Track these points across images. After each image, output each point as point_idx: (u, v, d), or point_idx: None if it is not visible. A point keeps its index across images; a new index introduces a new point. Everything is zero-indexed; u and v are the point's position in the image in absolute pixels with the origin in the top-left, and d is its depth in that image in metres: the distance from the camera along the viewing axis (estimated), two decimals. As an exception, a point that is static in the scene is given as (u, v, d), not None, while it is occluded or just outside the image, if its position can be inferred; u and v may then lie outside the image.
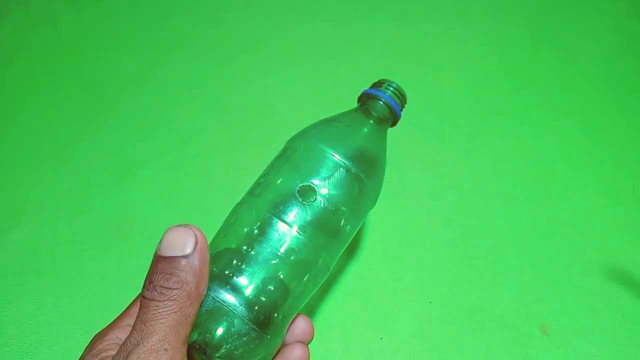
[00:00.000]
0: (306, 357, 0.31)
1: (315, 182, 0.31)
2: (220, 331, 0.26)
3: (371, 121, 0.35)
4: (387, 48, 0.59)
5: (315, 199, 0.30)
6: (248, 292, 0.28)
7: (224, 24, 0.62)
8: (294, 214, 0.30)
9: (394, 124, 0.37)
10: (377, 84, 0.37)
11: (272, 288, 0.29)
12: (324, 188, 0.31)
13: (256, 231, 0.29)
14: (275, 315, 0.29)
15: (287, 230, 0.29)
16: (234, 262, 0.28)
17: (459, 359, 0.40)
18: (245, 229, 0.30)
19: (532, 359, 0.40)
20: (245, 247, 0.29)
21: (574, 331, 0.41)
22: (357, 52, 0.59)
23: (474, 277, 0.43)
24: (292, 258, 0.29)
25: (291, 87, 0.56)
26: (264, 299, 0.28)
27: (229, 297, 0.27)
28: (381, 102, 0.35)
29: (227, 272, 0.28)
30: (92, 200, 0.47)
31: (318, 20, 0.62)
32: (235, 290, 0.27)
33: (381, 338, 0.40)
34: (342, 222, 0.32)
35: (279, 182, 0.32)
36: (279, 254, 0.29)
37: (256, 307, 0.28)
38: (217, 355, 0.26)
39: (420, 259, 0.44)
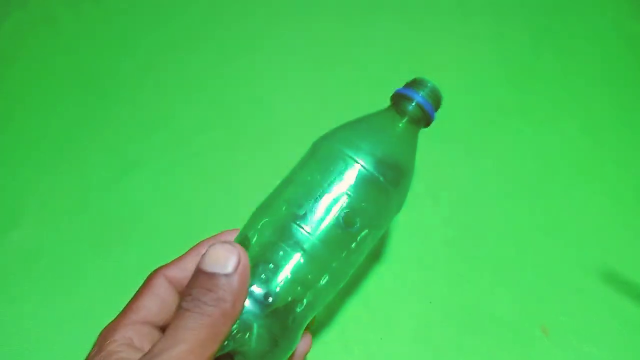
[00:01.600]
0: (308, 346, 0.32)
1: (341, 191, 0.29)
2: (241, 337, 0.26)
3: (404, 124, 0.33)
4: (387, 48, 0.59)
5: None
6: (268, 300, 0.27)
7: (225, 24, 0.61)
8: (316, 228, 0.29)
9: (427, 125, 0.36)
10: (412, 83, 0.35)
11: (290, 298, 0.28)
12: (346, 198, 0.29)
13: (277, 241, 0.29)
14: (291, 322, 0.28)
15: (305, 242, 0.28)
16: (261, 274, 0.28)
17: (459, 359, 0.40)
18: (268, 239, 0.29)
19: (531, 356, 0.40)
20: (266, 258, 0.28)
21: (574, 332, 0.41)
22: (357, 52, 0.59)
23: (474, 278, 0.43)
24: (309, 269, 0.29)
25: (291, 87, 0.56)
26: (281, 307, 0.28)
27: (248, 305, 0.27)
28: (414, 104, 0.34)
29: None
30: (92, 200, 0.47)
31: (318, 20, 0.62)
32: (254, 298, 0.27)
33: (381, 338, 0.40)
34: (363, 233, 0.30)
35: (303, 190, 0.30)
36: (298, 268, 0.28)
37: (274, 315, 0.27)
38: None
39: (420, 259, 0.44)
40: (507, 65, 0.59)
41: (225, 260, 0.25)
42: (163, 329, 0.29)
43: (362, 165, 0.30)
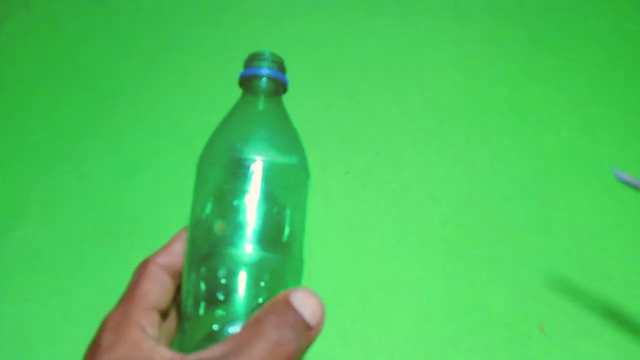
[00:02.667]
0: None
1: (246, 191, 0.29)
2: None
3: (262, 99, 0.34)
4: (386, 48, 0.60)
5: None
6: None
7: (226, 25, 0.62)
8: (241, 235, 0.29)
9: (284, 91, 0.36)
10: (249, 61, 0.35)
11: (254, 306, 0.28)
12: (252, 193, 0.29)
13: (214, 271, 0.28)
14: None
15: (246, 253, 0.28)
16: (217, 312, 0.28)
17: (457, 356, 0.40)
18: (220, 273, 0.29)
19: (530, 357, 0.40)
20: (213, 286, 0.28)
21: (571, 330, 0.41)
22: (357, 52, 0.60)
23: (472, 276, 0.44)
24: (265, 278, 0.28)
25: (291, 87, 0.56)
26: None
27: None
28: (264, 79, 0.34)
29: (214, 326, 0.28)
30: (94, 201, 0.47)
31: (318, 21, 0.62)
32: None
33: (380, 335, 0.41)
34: (285, 211, 0.30)
35: (210, 213, 0.30)
36: (253, 281, 0.28)
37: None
38: None
39: (419, 257, 0.45)
40: (505, 65, 0.60)
41: (320, 314, 0.26)
42: (163, 314, 0.29)
43: (260, 159, 0.30)
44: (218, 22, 0.62)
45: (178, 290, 0.31)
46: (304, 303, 0.26)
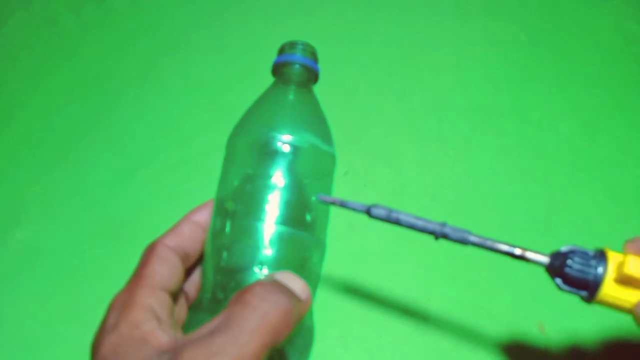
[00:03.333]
0: None
1: (268, 169, 0.30)
2: None
3: (292, 87, 0.34)
4: (385, 48, 0.60)
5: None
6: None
7: (226, 24, 0.62)
8: (267, 210, 0.29)
9: (316, 80, 0.36)
10: (282, 49, 0.36)
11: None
12: (275, 170, 0.30)
13: (241, 244, 0.29)
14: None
15: (268, 228, 0.29)
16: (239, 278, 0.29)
17: (457, 356, 0.40)
18: (241, 245, 0.30)
19: (530, 357, 0.40)
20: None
21: (571, 330, 0.41)
22: (357, 53, 0.60)
23: (472, 276, 0.44)
24: (282, 252, 0.29)
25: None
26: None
27: None
28: (297, 66, 0.34)
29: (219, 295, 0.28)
30: (94, 200, 0.47)
31: (318, 20, 0.62)
32: None
33: (380, 336, 0.41)
34: (310, 190, 0.31)
35: (238, 186, 0.31)
36: (270, 254, 0.29)
37: None
38: None
39: (419, 258, 0.45)
40: (505, 65, 0.60)
41: (302, 289, 0.26)
42: (173, 295, 0.28)
43: (290, 141, 0.31)
44: (218, 21, 0.62)
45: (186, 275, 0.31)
46: (289, 280, 0.26)
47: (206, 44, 0.60)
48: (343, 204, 0.28)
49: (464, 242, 0.29)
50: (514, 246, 0.29)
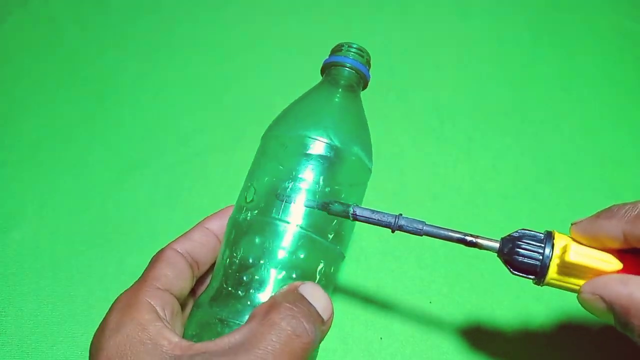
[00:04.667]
0: None
1: (305, 170, 0.30)
2: None
3: (340, 90, 0.33)
4: (387, 48, 0.59)
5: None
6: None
7: (225, 24, 0.61)
8: (294, 211, 0.29)
9: (365, 86, 0.35)
10: (337, 49, 0.35)
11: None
12: (311, 173, 0.30)
13: (262, 240, 0.29)
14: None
15: (291, 230, 0.29)
16: (254, 276, 0.28)
17: (458, 357, 0.40)
18: (257, 240, 0.29)
19: (532, 359, 0.40)
20: (255, 259, 0.28)
21: (574, 331, 0.41)
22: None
23: (473, 277, 0.43)
24: (301, 256, 0.29)
25: (291, 87, 0.56)
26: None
27: None
28: (347, 68, 0.33)
29: (240, 291, 0.28)
30: (92, 200, 0.47)
31: (318, 20, 0.62)
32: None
33: (381, 338, 0.40)
34: (342, 200, 0.30)
35: (267, 181, 0.30)
36: (288, 255, 0.28)
37: None
38: None
39: (420, 258, 0.44)
40: (507, 65, 0.59)
41: (329, 309, 0.26)
42: (179, 298, 0.28)
43: (320, 139, 0.30)
44: (217, 20, 0.62)
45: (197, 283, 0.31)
46: (315, 296, 0.25)
47: (204, 43, 0.60)
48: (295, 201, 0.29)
49: (418, 233, 0.29)
50: (466, 234, 0.29)
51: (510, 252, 0.28)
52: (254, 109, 0.54)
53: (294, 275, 0.28)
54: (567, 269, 0.28)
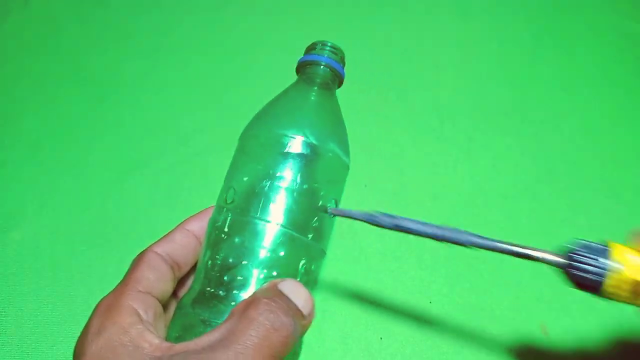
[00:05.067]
0: None
1: (283, 169, 0.30)
2: None
3: (315, 88, 0.34)
4: (387, 48, 0.59)
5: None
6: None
7: (225, 24, 0.61)
8: (274, 210, 0.29)
9: (340, 84, 0.35)
10: (311, 48, 0.35)
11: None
12: (290, 172, 0.30)
13: (242, 240, 0.29)
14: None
15: (271, 228, 0.29)
16: (238, 277, 0.28)
17: (458, 358, 0.40)
18: (237, 240, 0.29)
19: (532, 359, 0.40)
20: (236, 259, 0.28)
21: (574, 331, 0.41)
22: (357, 52, 0.59)
23: (473, 277, 0.43)
24: (281, 254, 0.29)
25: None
26: None
27: None
28: (321, 66, 0.34)
29: (221, 292, 0.28)
30: (92, 200, 0.47)
31: (318, 20, 0.62)
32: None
33: (381, 338, 0.40)
34: (321, 197, 0.31)
35: (247, 181, 0.30)
36: (269, 254, 0.28)
37: None
38: None
39: (420, 258, 0.44)
40: (507, 65, 0.59)
41: (309, 303, 0.25)
42: (161, 300, 0.28)
43: (296, 137, 0.30)
44: (216, 20, 0.62)
45: (178, 284, 0.31)
46: (294, 292, 0.25)
47: (204, 43, 0.60)
48: (349, 215, 0.29)
49: (488, 248, 0.29)
50: (527, 247, 0.29)
51: (574, 267, 0.28)
52: (254, 109, 0.54)
53: (275, 274, 0.28)
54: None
